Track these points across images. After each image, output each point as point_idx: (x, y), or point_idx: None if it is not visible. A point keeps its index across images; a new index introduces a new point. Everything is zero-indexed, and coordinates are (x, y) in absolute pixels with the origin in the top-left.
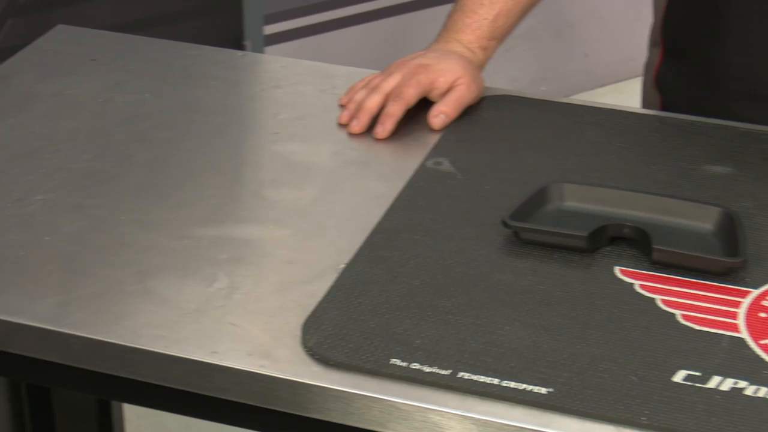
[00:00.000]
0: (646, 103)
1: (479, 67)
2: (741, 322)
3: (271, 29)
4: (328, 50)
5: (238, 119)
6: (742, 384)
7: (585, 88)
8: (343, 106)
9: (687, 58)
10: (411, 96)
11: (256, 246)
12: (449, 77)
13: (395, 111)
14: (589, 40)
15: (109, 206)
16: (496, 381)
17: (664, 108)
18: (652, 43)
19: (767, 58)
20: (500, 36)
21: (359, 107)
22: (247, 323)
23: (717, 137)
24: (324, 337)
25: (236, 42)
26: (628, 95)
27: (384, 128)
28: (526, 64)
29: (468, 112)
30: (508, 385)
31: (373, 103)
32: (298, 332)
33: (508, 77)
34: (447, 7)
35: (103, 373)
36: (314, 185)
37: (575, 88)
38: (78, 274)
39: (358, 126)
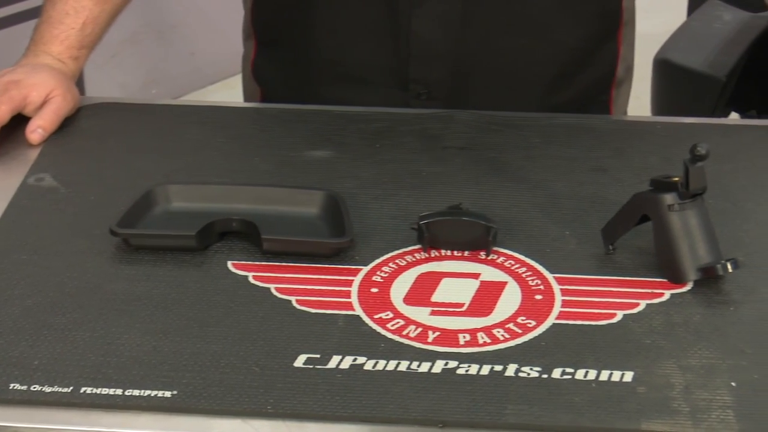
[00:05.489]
0: (247, 96)
1: (72, 77)
2: (354, 299)
3: None
4: None
5: None
6: (360, 360)
7: (196, 86)
8: None
9: (279, 47)
10: (3, 113)
11: None
12: (42, 90)
13: None
14: (194, 38)
15: None
16: (119, 392)
17: (264, 99)
18: (246, 36)
19: (353, 40)
20: (90, 44)
21: None
22: None
23: (315, 122)
24: None
25: None
26: (239, 90)
27: None
28: (134, 69)
29: (67, 123)
30: (131, 393)
31: None
32: None
33: (118, 83)
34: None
35: None
36: None
37: (186, 88)
38: None
39: None
